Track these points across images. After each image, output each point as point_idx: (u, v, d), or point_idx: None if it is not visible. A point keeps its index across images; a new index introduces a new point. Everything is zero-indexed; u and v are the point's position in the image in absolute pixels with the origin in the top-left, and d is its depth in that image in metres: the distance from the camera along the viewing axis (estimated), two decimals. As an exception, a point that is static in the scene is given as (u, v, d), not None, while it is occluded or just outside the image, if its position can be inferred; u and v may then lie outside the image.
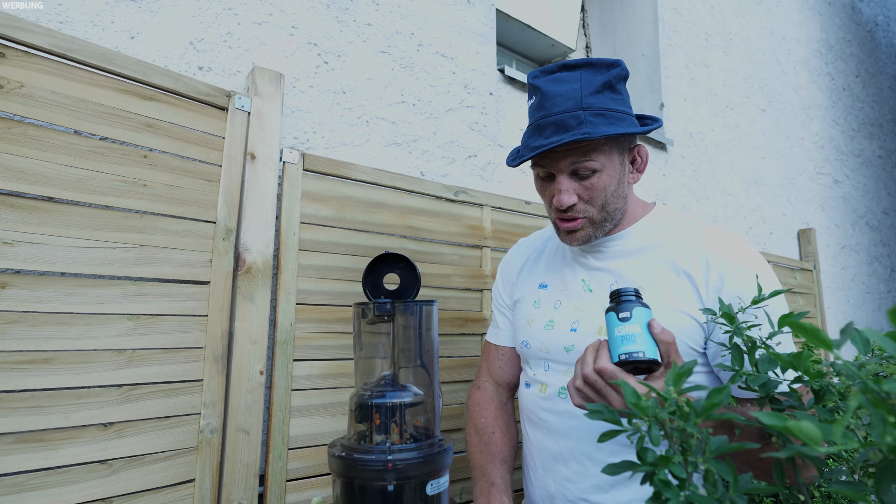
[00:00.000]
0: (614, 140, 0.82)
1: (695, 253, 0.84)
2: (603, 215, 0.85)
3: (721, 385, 0.81)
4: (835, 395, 0.50)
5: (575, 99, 0.79)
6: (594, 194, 0.82)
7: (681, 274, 0.83)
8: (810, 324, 0.39)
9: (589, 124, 0.77)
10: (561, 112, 0.79)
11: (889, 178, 4.26)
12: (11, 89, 0.84)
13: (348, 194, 1.26)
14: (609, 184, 0.83)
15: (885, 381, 0.32)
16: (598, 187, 0.82)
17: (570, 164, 0.81)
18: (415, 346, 0.99)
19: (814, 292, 2.92)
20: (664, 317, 0.80)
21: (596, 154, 0.80)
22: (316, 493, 1.10)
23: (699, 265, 0.82)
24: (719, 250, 0.82)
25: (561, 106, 0.79)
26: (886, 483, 0.31)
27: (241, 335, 1.03)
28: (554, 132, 0.78)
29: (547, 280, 0.99)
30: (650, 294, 0.83)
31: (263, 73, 1.13)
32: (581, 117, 0.77)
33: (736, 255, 0.82)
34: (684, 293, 0.82)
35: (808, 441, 0.31)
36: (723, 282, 0.80)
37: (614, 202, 0.85)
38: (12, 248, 0.82)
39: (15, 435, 0.79)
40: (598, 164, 0.80)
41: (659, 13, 2.48)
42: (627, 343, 0.66)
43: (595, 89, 0.79)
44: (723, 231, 0.87)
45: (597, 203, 0.83)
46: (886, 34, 4.58)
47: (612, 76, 0.81)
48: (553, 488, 0.89)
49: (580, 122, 0.77)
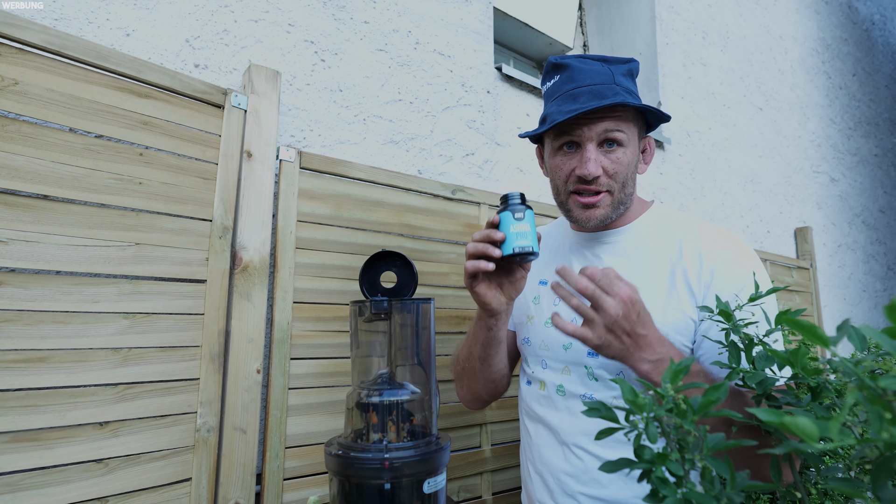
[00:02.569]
0: (638, 121, 0.85)
1: (688, 248, 0.85)
2: (622, 195, 0.86)
3: None
4: (832, 393, 0.50)
5: (607, 75, 0.82)
6: (619, 169, 0.84)
7: (675, 270, 0.84)
8: (807, 321, 0.39)
9: (622, 96, 0.80)
10: (596, 83, 0.81)
11: (885, 176, 4.28)
12: (6, 87, 0.83)
13: (345, 192, 1.26)
14: (631, 162, 0.85)
15: (881, 377, 0.32)
16: (623, 162, 0.83)
17: (602, 131, 0.82)
18: (412, 344, 0.99)
19: (810, 290, 2.93)
20: (659, 314, 0.81)
21: (626, 126, 0.83)
22: (313, 491, 1.10)
23: (692, 260, 0.83)
24: (712, 246, 0.83)
25: (594, 79, 0.82)
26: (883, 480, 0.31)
27: (237, 334, 1.03)
28: (591, 98, 0.80)
29: (547, 277, 0.99)
30: (645, 292, 0.82)
31: (260, 71, 1.13)
32: (616, 90, 0.81)
33: (728, 251, 0.83)
34: (678, 290, 0.83)
35: (805, 437, 0.31)
36: (713, 277, 0.81)
37: (630, 184, 0.87)
38: (7, 247, 0.82)
39: (10, 434, 0.79)
40: (625, 137, 0.83)
41: (656, 11, 2.48)
42: (521, 238, 0.78)
43: (622, 73, 0.84)
44: (718, 228, 0.88)
45: (620, 178, 0.84)
46: (883, 33, 4.59)
47: (633, 68, 0.86)
48: (552, 483, 0.89)
49: (616, 93, 0.80)
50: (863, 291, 3.69)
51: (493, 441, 1.42)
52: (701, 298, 0.81)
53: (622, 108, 0.81)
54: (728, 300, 0.72)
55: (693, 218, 0.92)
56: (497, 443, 1.42)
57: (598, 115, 0.81)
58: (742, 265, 0.81)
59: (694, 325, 0.82)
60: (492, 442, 1.41)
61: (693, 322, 0.81)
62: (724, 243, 0.84)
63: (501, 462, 1.41)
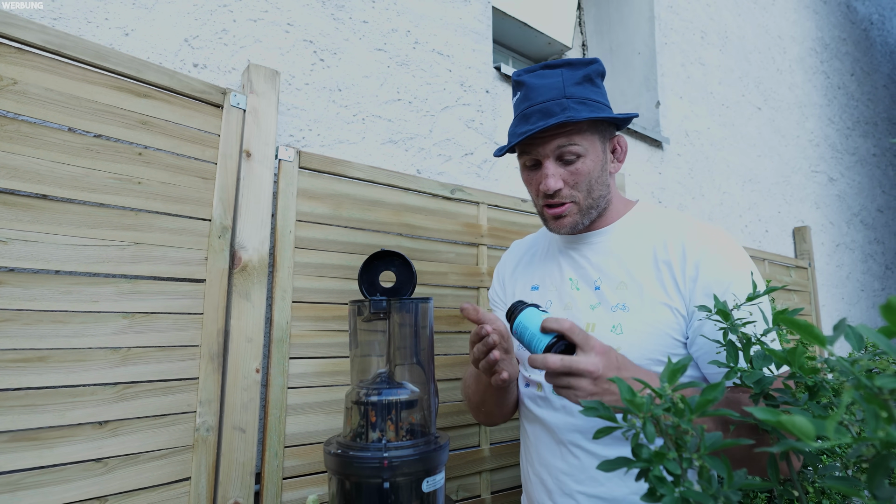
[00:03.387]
0: (596, 127, 0.86)
1: (673, 243, 0.85)
2: (589, 201, 0.88)
3: (701, 373, 0.83)
4: (829, 392, 0.50)
5: (558, 89, 0.84)
6: (579, 179, 0.86)
7: (660, 265, 0.85)
8: (804, 320, 0.39)
9: (572, 110, 0.82)
10: (545, 101, 0.84)
11: (883, 176, 4.28)
12: (4, 86, 0.83)
13: (344, 192, 1.26)
14: (593, 169, 0.86)
15: (877, 376, 0.32)
16: (582, 172, 0.85)
17: (555, 148, 0.85)
18: (411, 343, 0.99)
19: (809, 290, 2.93)
20: (647, 311, 0.83)
21: (579, 138, 0.84)
22: (312, 490, 1.10)
23: (676, 256, 0.84)
24: (696, 241, 0.84)
25: (545, 95, 0.84)
26: (879, 478, 0.32)
27: (236, 333, 1.03)
28: (539, 118, 0.83)
29: (538, 281, 1.01)
30: (632, 290, 0.85)
31: (259, 71, 1.13)
32: (565, 104, 0.82)
33: (712, 245, 0.83)
34: (665, 286, 0.84)
35: (802, 436, 0.31)
36: (698, 271, 0.81)
37: (598, 188, 0.88)
38: (6, 246, 0.82)
39: (9, 433, 0.79)
40: (581, 149, 0.85)
41: (655, 11, 2.48)
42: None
43: (576, 81, 0.85)
44: (702, 223, 0.89)
45: (582, 188, 0.87)
46: (881, 33, 4.60)
47: (590, 70, 0.86)
48: (550, 483, 0.90)
49: (564, 108, 0.82)
50: (861, 291, 3.70)
51: (491, 440, 1.42)
52: (688, 293, 0.82)
53: (573, 123, 0.83)
54: (716, 293, 0.74)
55: (676, 214, 0.93)
56: (496, 442, 1.43)
57: (550, 132, 0.84)
58: (726, 258, 0.82)
59: (684, 320, 0.82)
60: (490, 441, 1.42)
61: (682, 317, 0.82)
62: (707, 238, 0.84)
63: (500, 461, 1.42)
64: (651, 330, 0.82)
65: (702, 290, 0.80)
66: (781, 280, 2.69)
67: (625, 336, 0.83)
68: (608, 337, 0.84)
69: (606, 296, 0.88)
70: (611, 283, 0.89)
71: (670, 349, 0.82)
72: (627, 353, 0.81)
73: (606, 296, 0.88)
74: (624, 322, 0.84)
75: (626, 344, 0.83)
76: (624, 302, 0.86)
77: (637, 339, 0.82)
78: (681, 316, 0.82)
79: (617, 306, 0.86)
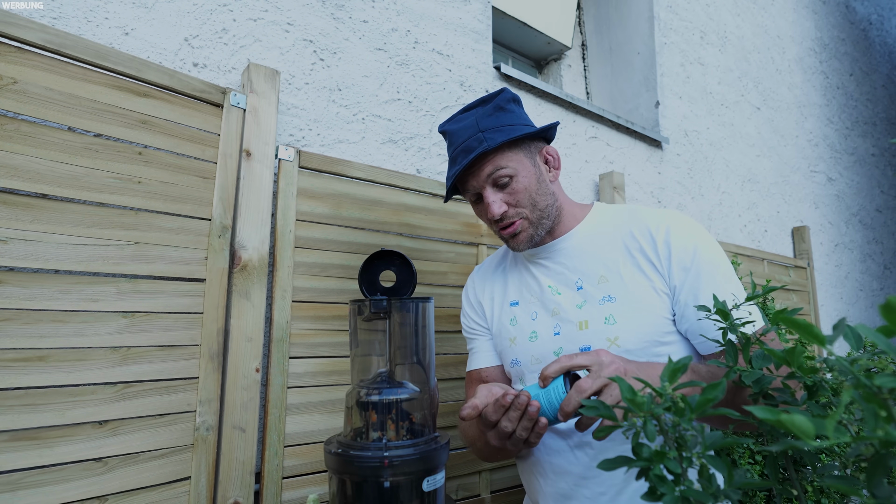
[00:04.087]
0: (518, 146, 0.91)
1: (638, 231, 0.91)
2: (537, 213, 0.92)
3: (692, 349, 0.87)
4: (828, 391, 0.50)
5: (473, 127, 0.91)
6: (519, 197, 0.91)
7: (634, 253, 0.90)
8: (804, 320, 0.40)
9: (488, 140, 0.88)
10: (465, 140, 0.90)
11: (882, 176, 4.29)
12: (4, 85, 0.83)
13: (344, 192, 1.26)
14: (529, 184, 0.91)
15: (876, 375, 0.32)
16: (519, 190, 0.90)
17: (486, 177, 0.90)
18: (411, 343, 0.99)
19: (808, 290, 2.94)
20: (634, 297, 0.87)
21: (505, 161, 0.89)
22: (312, 490, 1.10)
23: (646, 241, 0.89)
24: (658, 223, 0.90)
25: (463, 135, 0.91)
26: (878, 476, 0.32)
27: (236, 333, 1.03)
28: (463, 157, 0.89)
29: (516, 297, 1.02)
30: (614, 281, 0.89)
31: (259, 70, 1.13)
32: (481, 137, 0.89)
33: (673, 223, 0.89)
34: (643, 270, 0.88)
35: (801, 435, 0.31)
36: (669, 249, 0.87)
37: (542, 199, 0.92)
38: (6, 246, 0.82)
39: (9, 433, 0.79)
40: (510, 170, 0.90)
41: (654, 11, 2.48)
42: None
43: (488, 114, 0.91)
44: (658, 209, 0.96)
45: (525, 203, 0.91)
46: (880, 33, 4.60)
47: (499, 101, 0.93)
48: (549, 483, 0.90)
49: (481, 141, 0.88)
50: (860, 290, 3.71)
51: (491, 440, 1.42)
52: (665, 272, 0.87)
53: (493, 150, 0.89)
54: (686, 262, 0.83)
55: (633, 206, 0.98)
56: (495, 441, 1.43)
57: (477, 165, 0.90)
58: (687, 230, 0.89)
59: (668, 298, 0.87)
60: (490, 440, 1.42)
61: (666, 295, 0.87)
62: (666, 218, 0.91)
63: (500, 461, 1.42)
64: (642, 314, 0.86)
65: (677, 264, 0.86)
66: (780, 280, 2.70)
67: (619, 325, 0.86)
68: (603, 328, 0.87)
69: (591, 292, 0.91)
70: (592, 279, 0.92)
71: (662, 327, 0.86)
72: (624, 340, 0.85)
73: (591, 292, 0.91)
74: (615, 312, 0.87)
75: (621, 332, 0.86)
76: (609, 293, 0.89)
77: (631, 325, 0.86)
78: (665, 294, 0.87)
79: (604, 299, 0.89)
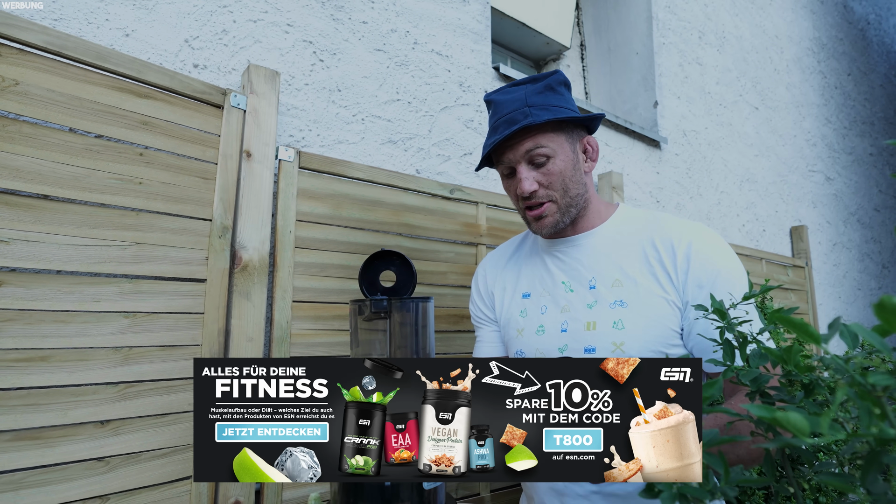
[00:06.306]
0: (561, 129, 0.90)
1: (661, 241, 0.89)
2: (567, 200, 0.91)
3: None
4: (824, 390, 0.51)
5: (521, 100, 0.90)
6: (553, 179, 0.90)
7: (652, 262, 0.89)
8: (800, 319, 0.40)
9: (534, 115, 0.87)
10: (510, 111, 0.89)
11: (880, 175, 4.30)
12: (6, 87, 0.84)
13: (344, 192, 1.26)
14: (565, 168, 0.90)
15: (870, 374, 0.33)
16: (554, 172, 0.89)
17: (524, 153, 0.89)
18: (411, 342, 0.99)
19: (806, 289, 2.95)
20: (646, 305, 0.86)
21: (546, 140, 0.89)
22: (313, 489, 1.11)
23: (666, 252, 0.88)
24: (683, 236, 0.88)
25: (510, 107, 0.90)
26: (873, 474, 0.32)
27: (237, 333, 1.03)
28: (505, 127, 0.88)
29: (528, 289, 1.02)
30: (628, 287, 0.89)
31: (259, 71, 1.13)
32: (527, 112, 0.88)
33: (698, 239, 0.88)
34: (659, 280, 0.87)
35: (797, 432, 0.31)
36: (689, 263, 0.85)
37: (574, 187, 0.92)
38: (8, 246, 0.82)
39: (12, 433, 0.79)
40: (550, 150, 0.89)
41: (653, 11, 2.48)
42: None
43: (538, 91, 0.90)
44: (685, 220, 0.93)
45: (557, 187, 0.90)
46: (878, 33, 4.61)
47: (551, 81, 0.92)
48: (559, 485, 0.91)
49: (526, 115, 0.88)
50: (858, 290, 3.72)
51: (491, 439, 1.42)
52: (681, 286, 0.86)
53: (537, 127, 0.88)
54: (706, 283, 0.80)
55: (659, 214, 0.96)
56: (495, 441, 1.43)
57: (517, 139, 0.89)
58: (713, 249, 0.87)
59: (679, 311, 0.87)
60: (490, 440, 1.42)
61: (678, 308, 0.86)
62: (693, 232, 0.89)
63: (499, 460, 1.42)
64: (651, 323, 0.85)
65: (693, 281, 0.84)
66: (779, 279, 2.70)
67: (627, 330, 0.86)
68: (610, 332, 0.87)
69: (603, 294, 0.90)
70: (606, 281, 0.91)
71: (669, 339, 0.86)
72: (630, 347, 0.85)
73: (603, 294, 0.90)
74: (625, 317, 0.87)
75: (628, 338, 0.86)
76: (621, 298, 0.88)
77: (639, 333, 0.85)
78: (676, 308, 0.86)
79: (615, 303, 0.89)
